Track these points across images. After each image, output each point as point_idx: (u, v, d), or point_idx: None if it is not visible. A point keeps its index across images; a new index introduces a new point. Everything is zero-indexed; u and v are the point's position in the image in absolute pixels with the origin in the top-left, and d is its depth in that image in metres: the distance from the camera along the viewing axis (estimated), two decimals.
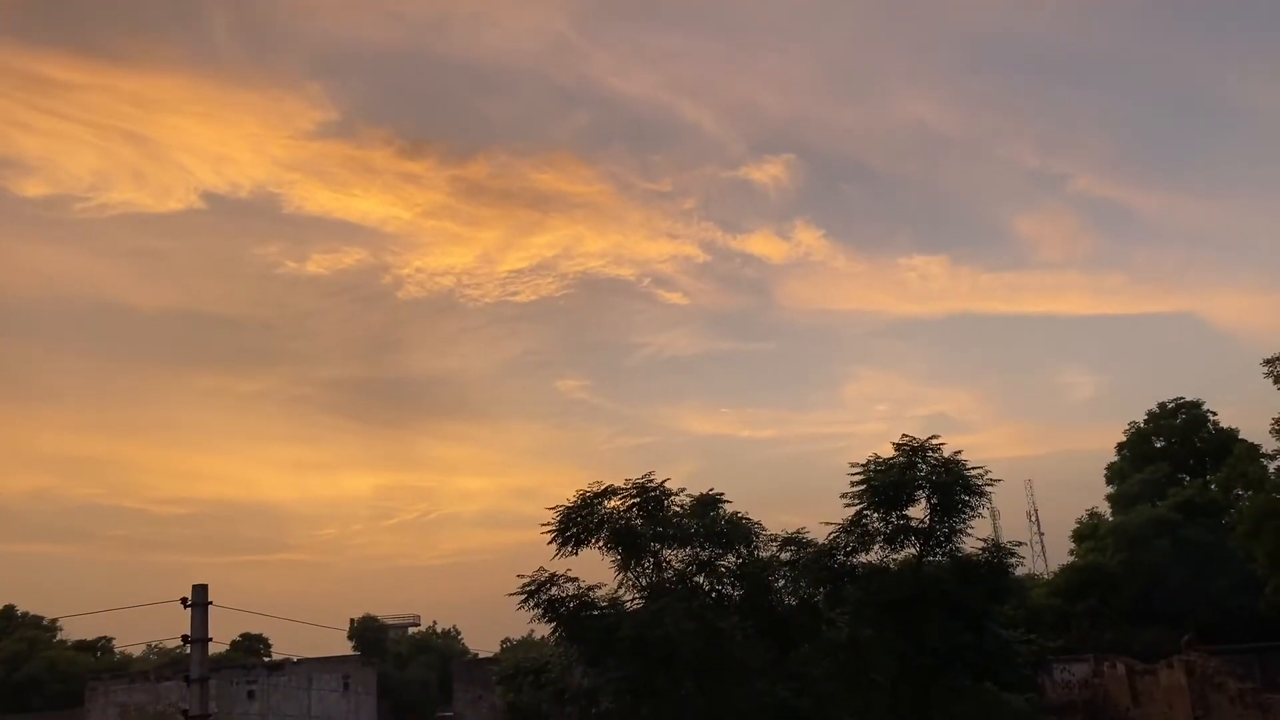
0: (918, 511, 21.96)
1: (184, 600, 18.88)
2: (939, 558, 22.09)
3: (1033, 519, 77.13)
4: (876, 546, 22.26)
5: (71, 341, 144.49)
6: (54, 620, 68.96)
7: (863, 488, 21.78)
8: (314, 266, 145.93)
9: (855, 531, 22.10)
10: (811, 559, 22.21)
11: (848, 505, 22.07)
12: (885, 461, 21.77)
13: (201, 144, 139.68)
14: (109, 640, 72.53)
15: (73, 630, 70.96)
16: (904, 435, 22.02)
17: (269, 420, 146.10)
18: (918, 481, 21.51)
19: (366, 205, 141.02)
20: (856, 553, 22.28)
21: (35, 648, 65.09)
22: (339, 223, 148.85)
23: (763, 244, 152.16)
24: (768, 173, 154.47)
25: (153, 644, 66.23)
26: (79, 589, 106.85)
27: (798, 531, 22.86)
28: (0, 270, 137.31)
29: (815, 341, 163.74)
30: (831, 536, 22.32)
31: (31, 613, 70.55)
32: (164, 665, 53.74)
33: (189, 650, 19.31)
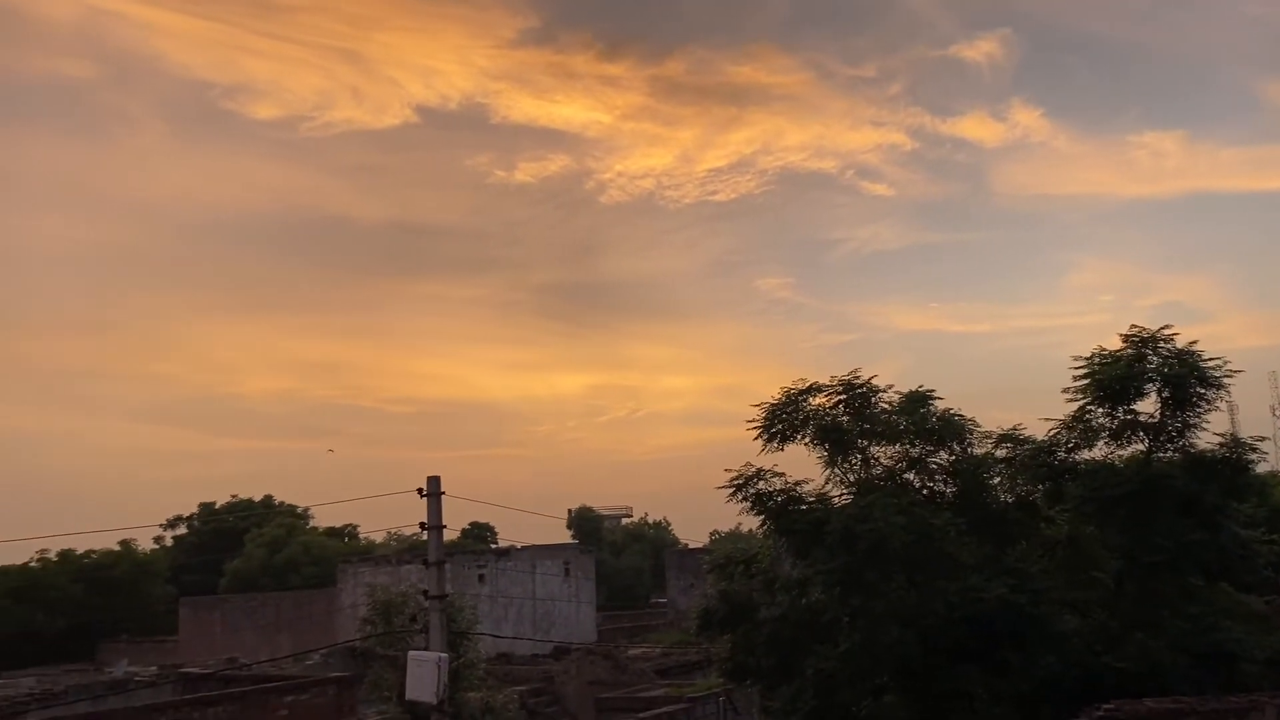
0: (1147, 406, 20.73)
1: (419, 490, 20.39)
2: (1170, 454, 20.85)
3: (1277, 413, 71.61)
4: (1101, 443, 21.22)
5: (303, 253, 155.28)
6: (306, 508, 75.99)
7: (1086, 382, 20.69)
8: (521, 175, 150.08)
9: (1077, 427, 21.10)
10: (1029, 455, 21.45)
11: (1069, 400, 21.07)
12: (1112, 354, 20.57)
13: (412, 58, 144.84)
14: (354, 527, 79.34)
15: (322, 518, 78.01)
16: (1132, 326, 20.68)
17: (485, 324, 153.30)
18: (1147, 374, 20.23)
19: (569, 111, 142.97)
20: (1078, 449, 21.32)
21: (292, 533, 72.01)
22: (543, 130, 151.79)
23: (975, 127, 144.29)
24: (981, 50, 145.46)
25: (392, 531, 71.95)
26: (326, 480, 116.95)
27: (1014, 428, 22.07)
28: (239, 189, 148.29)
29: (1033, 229, 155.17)
30: (1051, 433, 21.43)
31: (287, 501, 77.96)
32: (403, 550, 58.30)
33: (426, 536, 20.92)
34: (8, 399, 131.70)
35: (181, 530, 77.95)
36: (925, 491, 21.55)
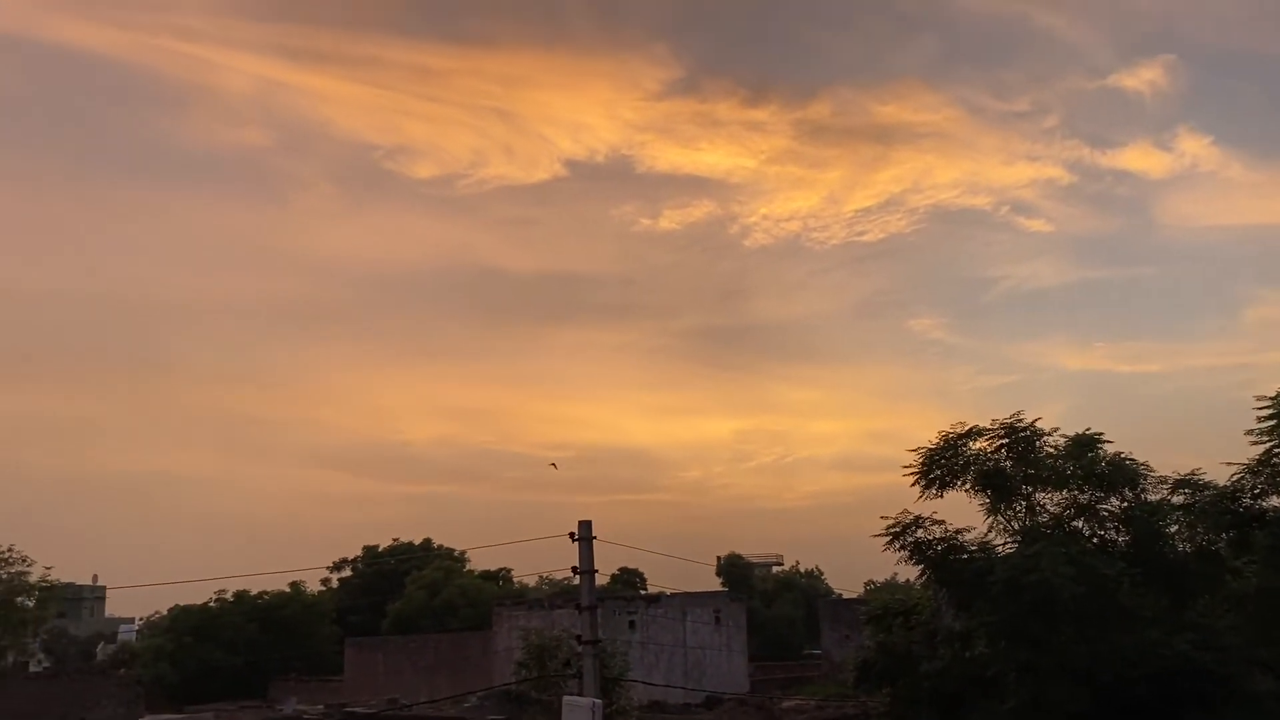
0: None
1: (571, 534, 20.64)
2: None
3: None
4: None
5: (460, 304, 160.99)
6: (463, 552, 77.88)
7: (1274, 423, 19.40)
8: (666, 222, 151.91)
9: (1264, 472, 19.75)
10: (1211, 502, 20.15)
11: (1254, 443, 19.78)
12: None
13: (561, 114, 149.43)
14: (508, 571, 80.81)
15: (478, 561, 79.83)
16: None
17: (633, 370, 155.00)
18: None
19: (713, 158, 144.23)
20: (1266, 495, 19.93)
21: (450, 576, 73.86)
22: (687, 177, 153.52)
23: (1139, 158, 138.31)
24: (1141, 78, 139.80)
25: (544, 575, 72.88)
26: (481, 524, 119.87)
27: (1192, 473, 20.81)
28: (400, 244, 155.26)
29: (1205, 262, 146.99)
30: (1235, 478, 20.12)
31: (445, 544, 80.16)
32: (555, 594, 59.00)
33: (577, 580, 21.13)
34: (188, 445, 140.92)
35: (346, 572, 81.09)
36: (1095, 540, 20.53)
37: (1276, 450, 19.53)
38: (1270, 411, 19.46)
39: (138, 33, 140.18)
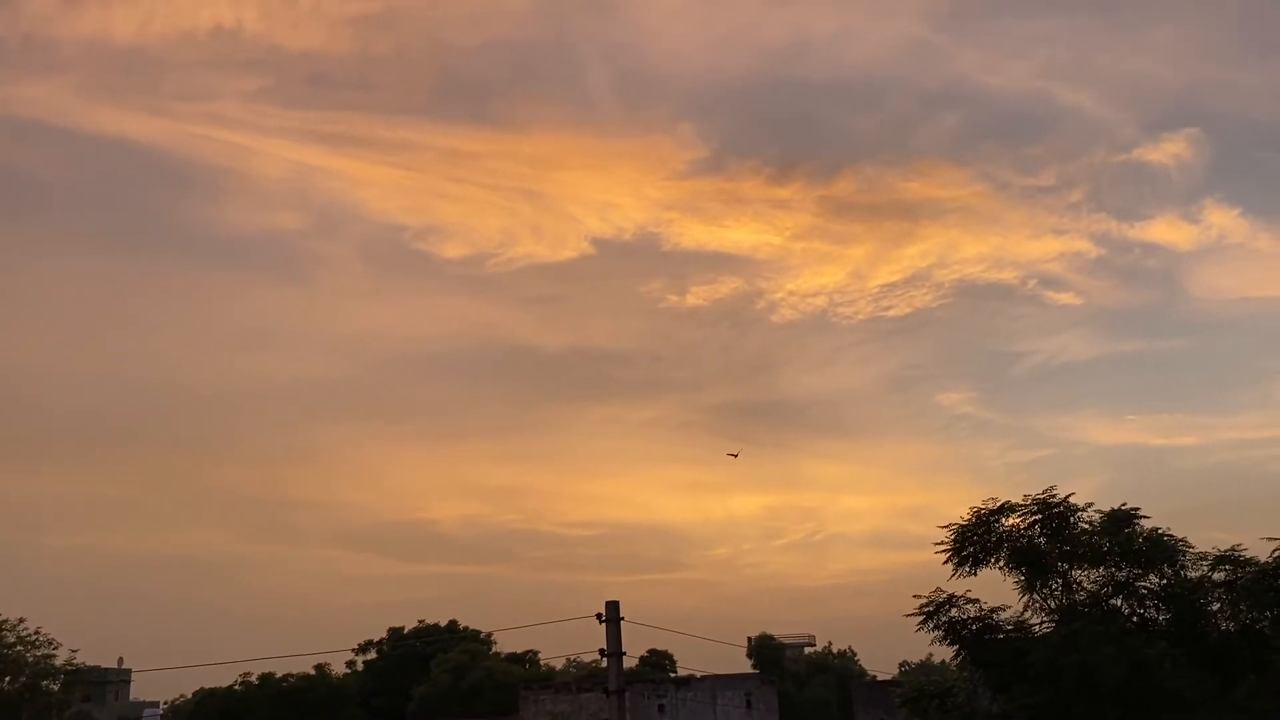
0: None
1: (599, 615, 20.35)
2: None
3: None
4: None
5: (488, 382, 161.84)
6: (489, 634, 77.00)
7: None
8: (693, 298, 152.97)
9: None
10: (1253, 579, 19.67)
11: None
12: None
13: (589, 194, 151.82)
14: (535, 653, 79.74)
15: (504, 642, 78.86)
16: None
17: (661, 445, 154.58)
18: None
19: (739, 235, 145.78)
20: None
21: (475, 659, 72.95)
22: (714, 254, 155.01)
23: (1166, 230, 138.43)
24: (1166, 151, 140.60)
25: (572, 658, 71.89)
26: (507, 604, 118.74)
27: (1233, 549, 20.36)
28: (430, 322, 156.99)
29: (1239, 334, 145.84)
30: (1277, 554, 19.68)
31: (470, 626, 79.29)
32: (583, 677, 58.04)
33: (605, 663, 20.78)
34: (215, 526, 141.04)
35: (372, 654, 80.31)
36: (1135, 619, 20.05)
37: None
38: None
39: (176, 120, 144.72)
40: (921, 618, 20.54)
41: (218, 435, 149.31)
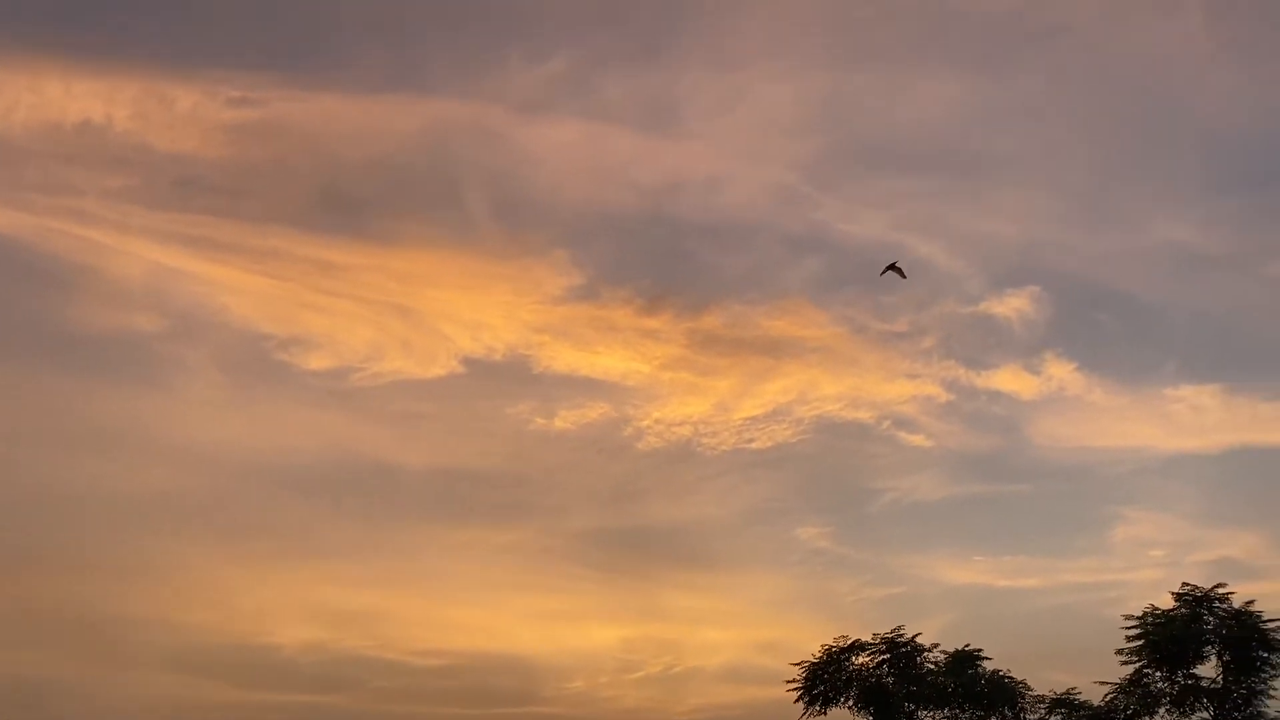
0: (1208, 670, 19.76)
1: None
2: None
3: None
4: (1163, 710, 20.09)
5: (348, 500, 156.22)
6: None
7: (1140, 643, 19.89)
8: (561, 422, 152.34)
9: (1135, 692, 20.09)
10: None
11: (1124, 663, 20.23)
12: (1164, 613, 19.91)
13: (461, 313, 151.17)
14: None
15: None
16: (1184, 584, 20.14)
17: (520, 571, 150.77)
18: (1205, 635, 19.43)
19: (609, 361, 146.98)
20: (1139, 716, 20.18)
21: None
22: (584, 379, 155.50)
23: (1010, 380, 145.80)
24: (1010, 305, 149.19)
25: None
26: None
27: (1068, 692, 21.07)
28: (288, 436, 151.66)
29: (1076, 481, 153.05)
30: (1108, 698, 20.42)
31: None
32: None
33: None
34: (34, 645, 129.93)
35: None
36: None
37: (1145, 670, 19.92)
38: (1137, 631, 20.00)
39: (33, 214, 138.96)
40: None
41: (47, 544, 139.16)
